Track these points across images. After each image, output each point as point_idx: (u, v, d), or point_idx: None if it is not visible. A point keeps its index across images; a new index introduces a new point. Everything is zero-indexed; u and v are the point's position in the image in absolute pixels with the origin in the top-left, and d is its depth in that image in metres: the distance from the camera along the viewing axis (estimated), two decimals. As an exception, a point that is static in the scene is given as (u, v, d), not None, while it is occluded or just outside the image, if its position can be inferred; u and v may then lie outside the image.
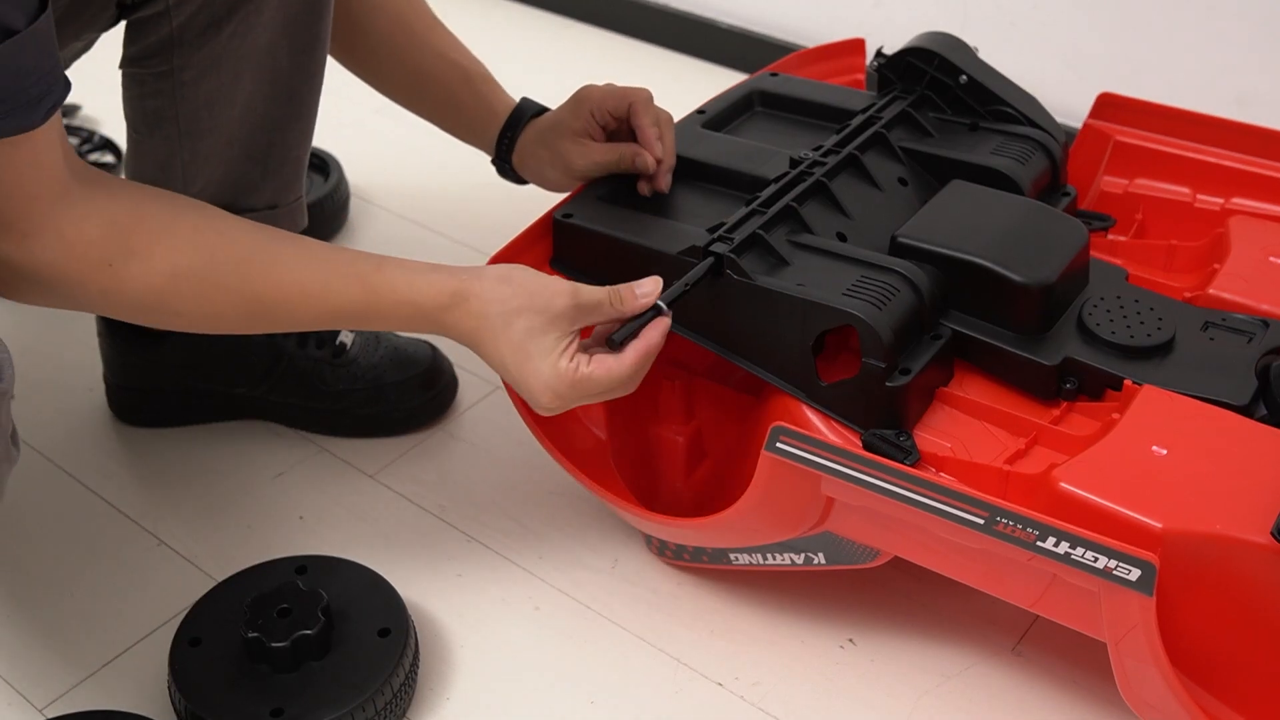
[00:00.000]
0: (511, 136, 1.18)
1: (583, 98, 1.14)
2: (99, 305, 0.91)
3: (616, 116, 1.12)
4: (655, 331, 0.93)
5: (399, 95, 1.25)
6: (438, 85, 1.21)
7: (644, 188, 1.10)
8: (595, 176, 1.12)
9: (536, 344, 0.91)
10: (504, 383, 0.98)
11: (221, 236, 0.91)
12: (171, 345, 1.24)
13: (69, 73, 1.08)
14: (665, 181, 1.10)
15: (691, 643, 1.07)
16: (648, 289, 0.94)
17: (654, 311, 0.93)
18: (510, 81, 2.05)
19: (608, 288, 0.93)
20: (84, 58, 1.14)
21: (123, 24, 1.07)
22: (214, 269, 0.90)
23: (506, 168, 1.20)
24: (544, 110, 1.19)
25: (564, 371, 0.91)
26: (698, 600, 1.11)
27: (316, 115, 1.20)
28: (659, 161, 1.09)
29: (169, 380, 1.26)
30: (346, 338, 1.27)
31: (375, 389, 1.27)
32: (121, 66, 1.09)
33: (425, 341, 1.31)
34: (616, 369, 0.92)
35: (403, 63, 1.21)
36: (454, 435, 1.29)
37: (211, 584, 1.12)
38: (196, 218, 0.91)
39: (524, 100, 1.21)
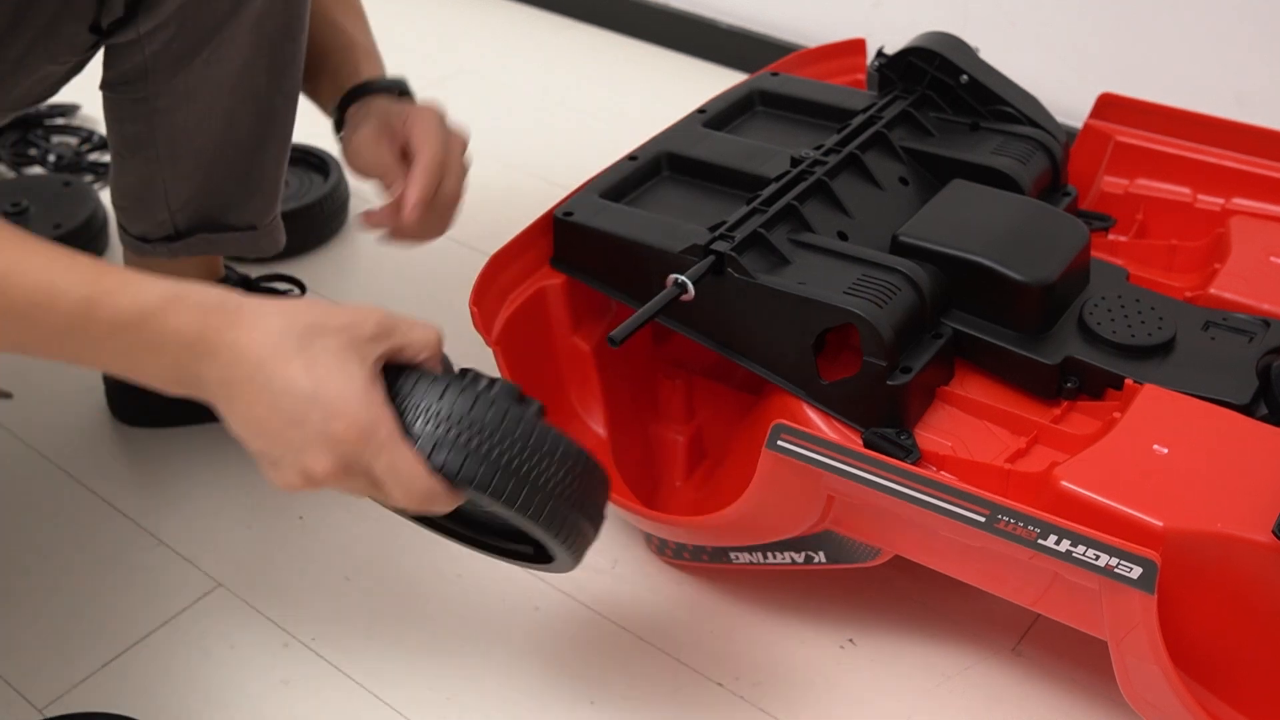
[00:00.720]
0: (359, 93, 1.10)
1: (413, 113, 1.06)
2: None
3: (407, 150, 1.05)
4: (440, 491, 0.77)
5: None
6: (318, 48, 1.14)
7: (375, 217, 1.04)
8: (364, 172, 1.07)
9: (346, 364, 0.75)
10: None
11: None
12: None
13: (67, 89, 1.09)
14: (408, 215, 1.00)
15: (691, 643, 1.07)
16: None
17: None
18: (510, 81, 2.06)
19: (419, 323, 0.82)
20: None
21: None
22: None
23: (339, 119, 1.12)
24: (406, 91, 1.11)
25: (363, 397, 0.74)
26: (698, 600, 1.11)
27: (293, 132, 1.17)
28: (405, 197, 1.01)
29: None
30: None
31: None
32: (101, 89, 1.09)
33: None
34: (421, 475, 0.76)
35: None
36: (454, 435, 1.29)
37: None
38: None
39: (394, 80, 1.12)
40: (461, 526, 0.92)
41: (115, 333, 0.75)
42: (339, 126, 1.12)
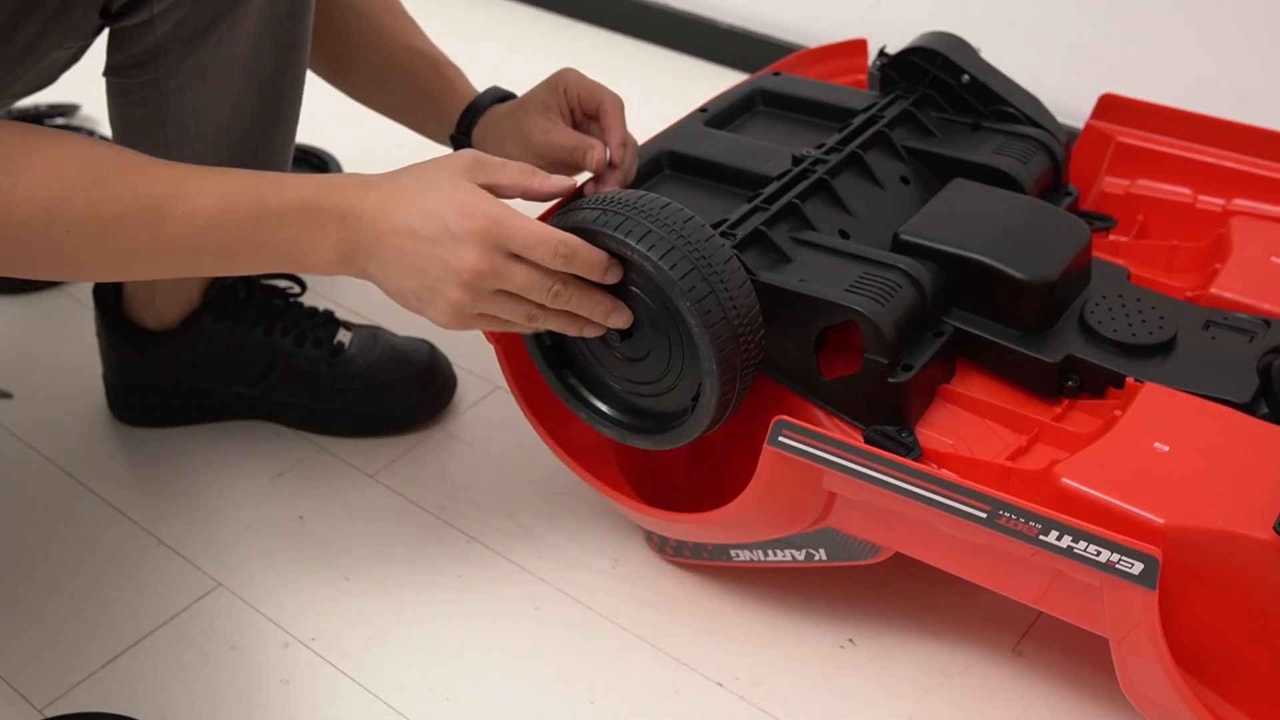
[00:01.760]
0: (475, 111, 1.16)
1: (561, 77, 1.11)
2: None
3: (586, 108, 1.10)
4: (600, 301, 0.92)
5: (367, 91, 1.24)
6: (405, 73, 1.20)
7: (589, 187, 1.07)
8: (549, 158, 1.09)
9: (458, 182, 0.89)
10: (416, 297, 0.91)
11: (109, 149, 0.88)
12: (171, 345, 1.24)
13: (62, 80, 1.09)
14: (622, 158, 1.06)
15: (691, 643, 1.07)
16: (560, 181, 0.93)
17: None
18: (510, 81, 2.05)
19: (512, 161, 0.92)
20: (83, 57, 1.14)
21: (106, 31, 1.06)
22: (103, 176, 0.86)
23: (465, 142, 1.17)
24: (511, 96, 1.18)
25: (481, 197, 0.87)
26: (698, 600, 1.11)
27: (299, 116, 1.19)
28: (612, 166, 1.05)
29: (169, 380, 1.26)
30: (344, 337, 1.27)
31: (373, 388, 1.27)
32: (106, 75, 1.09)
33: (424, 340, 1.31)
34: (550, 229, 0.88)
35: (371, 57, 1.20)
36: (454, 435, 1.29)
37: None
38: (83, 137, 0.88)
39: (494, 87, 1.20)
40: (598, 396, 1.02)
41: (285, 222, 0.88)
42: (470, 123, 1.16)
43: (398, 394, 1.27)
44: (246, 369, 1.26)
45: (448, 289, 0.88)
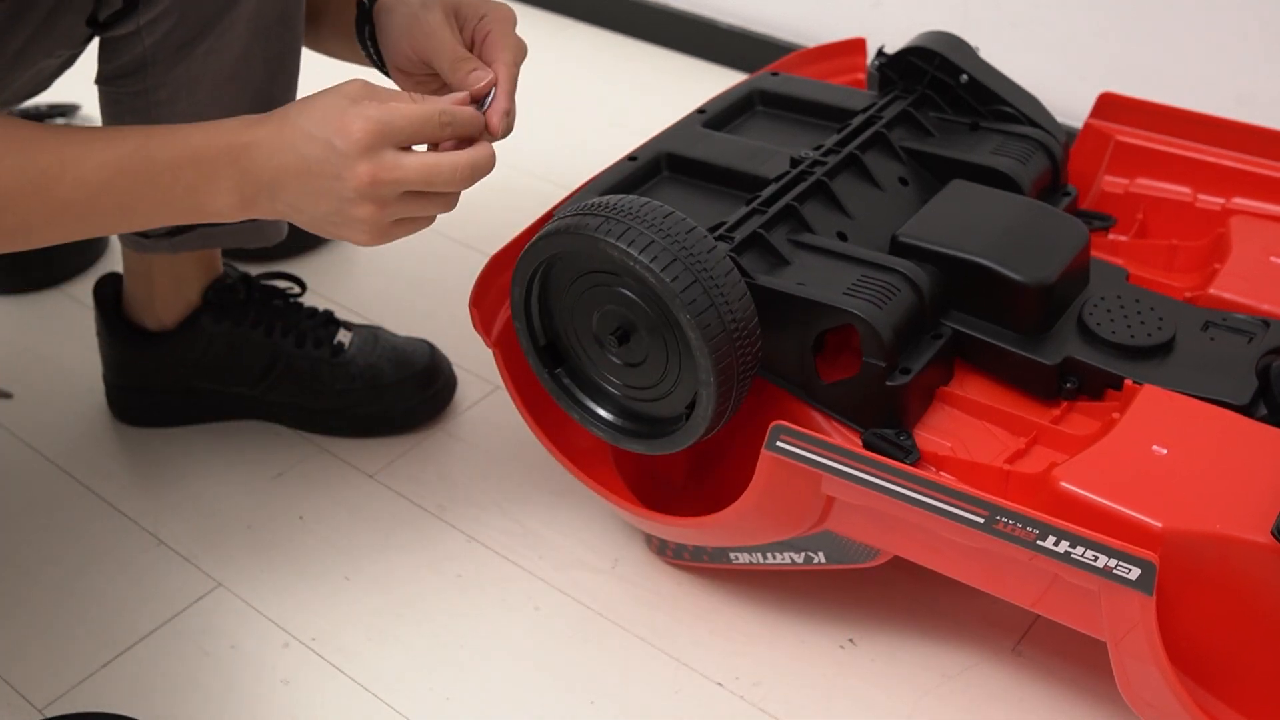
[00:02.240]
0: None
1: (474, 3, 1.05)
2: None
3: (477, 38, 1.05)
4: (487, 148, 0.90)
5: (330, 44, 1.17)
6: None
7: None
8: (423, 58, 1.02)
9: (337, 100, 0.86)
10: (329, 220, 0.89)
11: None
12: (171, 345, 1.24)
13: (62, 81, 1.09)
14: (501, 124, 0.98)
15: (691, 643, 1.07)
16: (483, 77, 0.92)
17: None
18: (510, 81, 2.04)
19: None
20: (83, 57, 1.14)
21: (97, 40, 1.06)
22: None
23: (368, 30, 1.06)
24: None
25: (373, 105, 0.85)
26: (698, 600, 1.11)
27: None
28: (488, 130, 0.96)
29: (169, 380, 1.26)
30: (344, 337, 1.28)
31: (373, 388, 1.27)
32: (97, 83, 1.09)
33: (424, 341, 1.31)
34: (425, 103, 0.87)
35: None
36: (454, 435, 1.29)
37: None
38: None
39: None
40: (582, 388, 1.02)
41: (180, 175, 0.87)
42: (364, 31, 1.06)
43: (398, 394, 1.27)
44: (246, 369, 1.26)
45: (354, 208, 0.86)
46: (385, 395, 1.27)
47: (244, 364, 1.26)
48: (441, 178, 0.87)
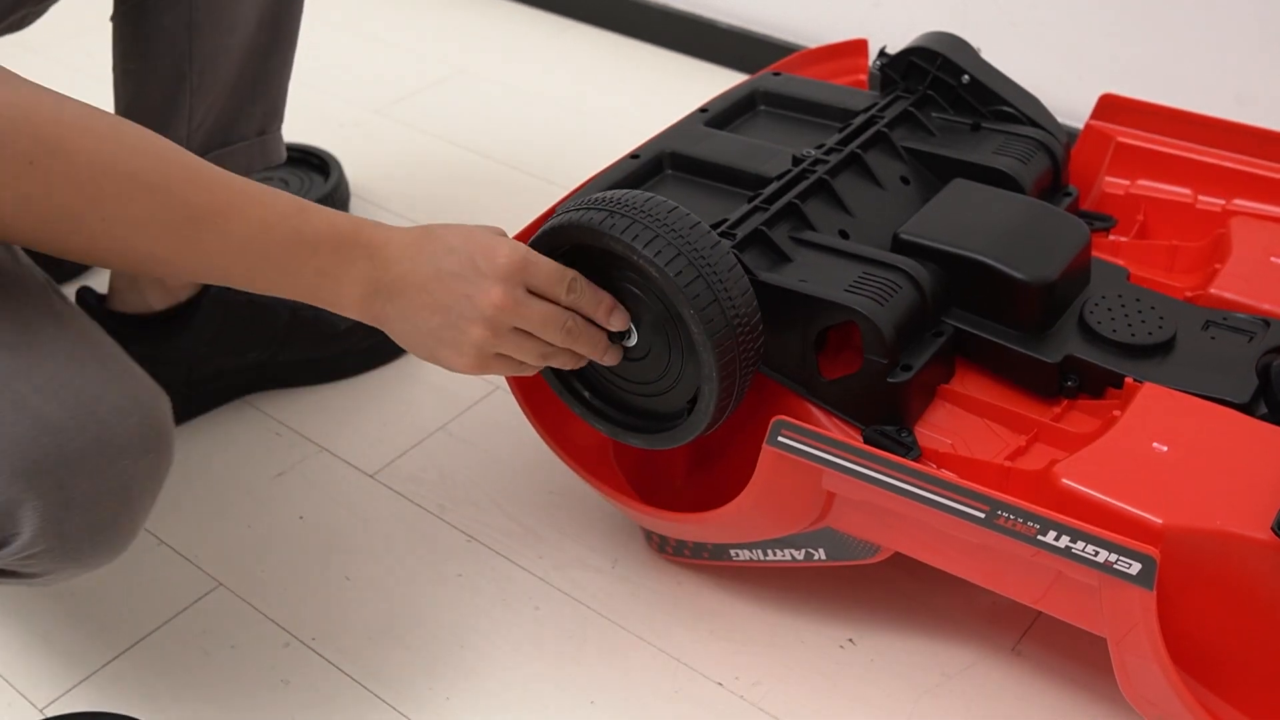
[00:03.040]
0: None
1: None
2: (14, 213, 0.76)
3: None
4: (601, 338, 0.92)
5: None
6: None
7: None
8: None
9: (482, 229, 0.88)
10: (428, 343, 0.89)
11: (154, 143, 0.81)
12: (194, 318, 1.25)
13: (63, 81, 1.10)
14: None
15: (691, 643, 1.07)
16: (619, 316, 0.92)
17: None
18: (510, 81, 2.06)
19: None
20: (83, 57, 1.14)
21: None
22: (140, 167, 0.78)
23: None
24: None
25: (503, 238, 0.87)
26: (698, 600, 1.11)
27: (298, 37, 1.24)
28: None
29: (189, 367, 1.28)
30: None
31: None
32: (130, 11, 1.10)
33: None
34: (562, 266, 0.89)
35: None
36: (454, 435, 1.29)
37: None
38: (114, 118, 0.80)
39: None
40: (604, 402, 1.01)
41: (319, 251, 0.85)
42: None
43: None
44: (267, 329, 1.29)
45: (472, 326, 0.87)
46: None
47: (265, 323, 1.28)
48: (558, 327, 0.89)
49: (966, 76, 1.19)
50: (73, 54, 1.76)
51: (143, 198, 0.78)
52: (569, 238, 0.92)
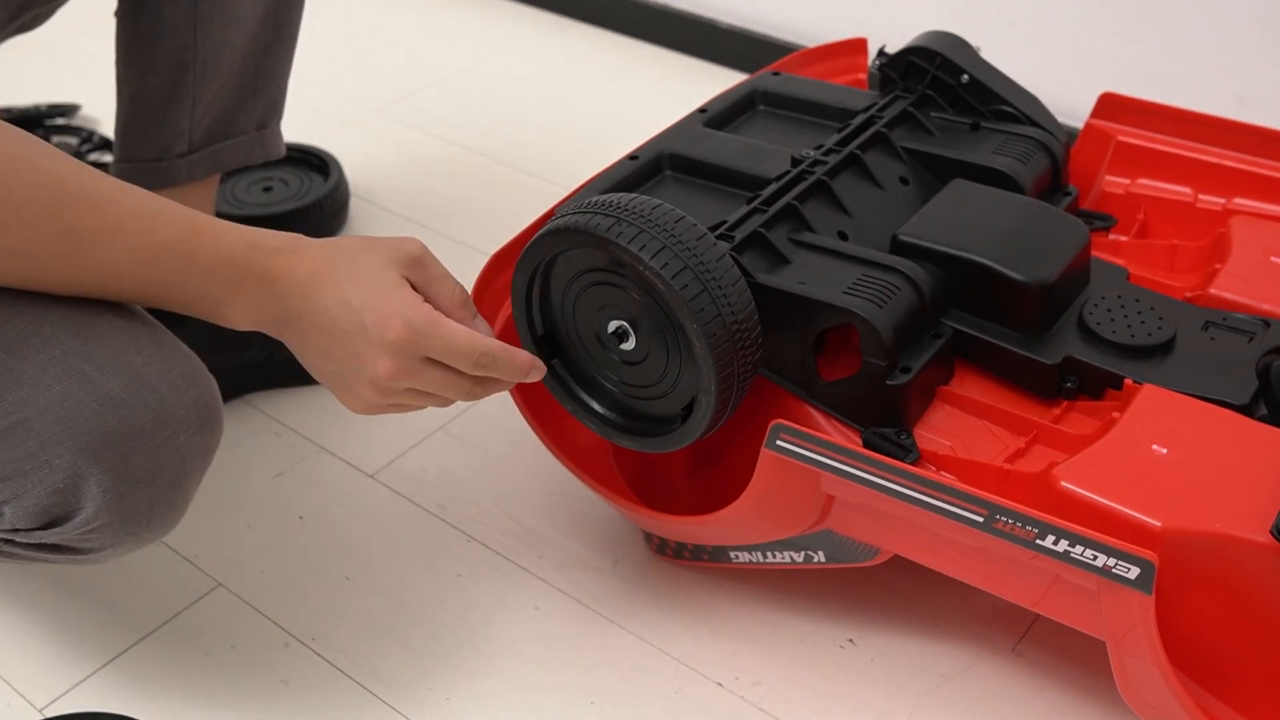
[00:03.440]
0: None
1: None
2: None
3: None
4: (522, 358, 0.89)
5: None
6: None
7: None
8: None
9: (384, 275, 0.85)
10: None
11: (30, 164, 0.77)
12: (191, 324, 1.26)
13: (62, 81, 1.11)
14: None
15: (691, 643, 1.07)
16: (538, 371, 0.91)
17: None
18: (510, 81, 2.06)
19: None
20: (83, 57, 1.15)
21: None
22: (19, 198, 0.76)
23: None
24: None
25: (419, 306, 0.84)
26: (698, 600, 1.11)
27: (298, 36, 1.26)
28: None
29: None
30: None
31: None
32: (118, 13, 1.11)
33: None
34: (472, 337, 0.85)
35: None
36: (454, 435, 1.29)
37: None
38: (5, 145, 0.77)
39: None
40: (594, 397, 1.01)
41: (210, 277, 0.83)
42: None
43: None
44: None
45: (359, 386, 0.86)
46: None
47: None
48: (460, 391, 0.88)
49: (966, 76, 1.19)
50: (74, 55, 1.76)
51: (24, 231, 0.77)
52: (572, 241, 0.92)
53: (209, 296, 0.84)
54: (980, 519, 0.83)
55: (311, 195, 1.55)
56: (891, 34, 1.44)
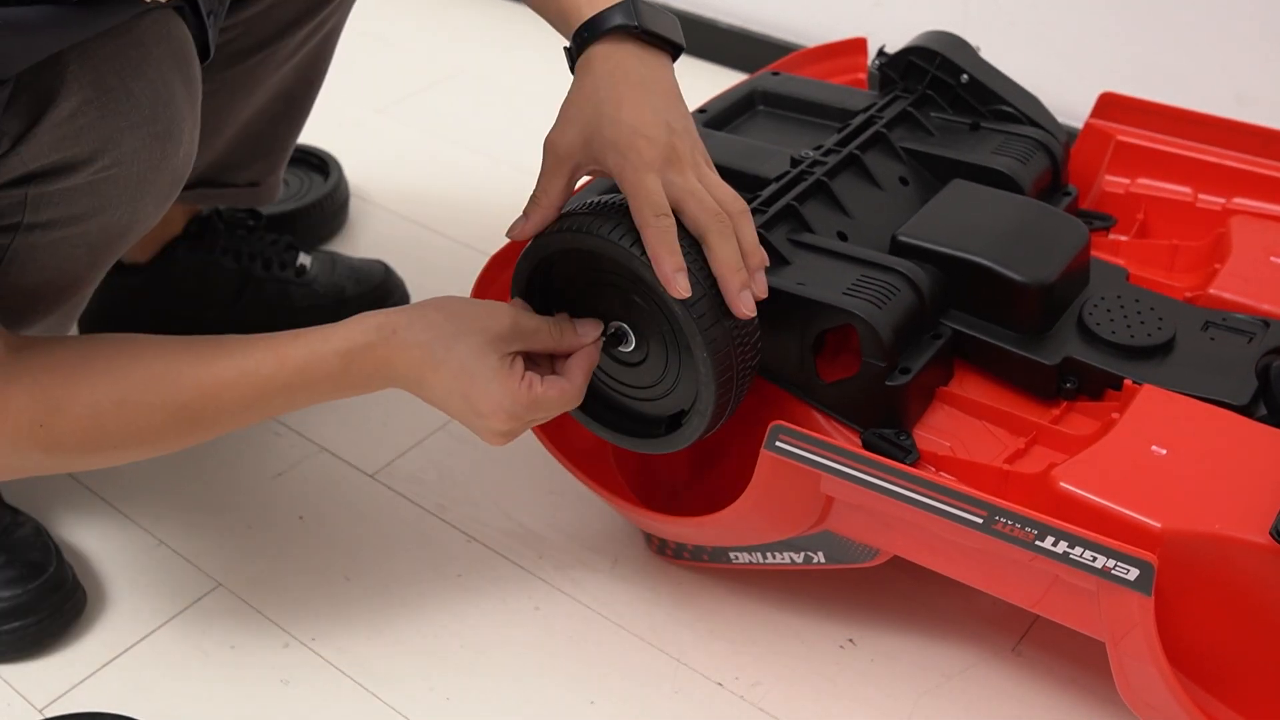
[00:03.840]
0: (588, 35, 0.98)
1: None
2: (47, 465, 0.89)
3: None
4: (595, 348, 0.93)
5: None
6: None
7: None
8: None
9: (481, 364, 0.88)
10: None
11: (134, 361, 0.88)
12: (146, 276, 1.30)
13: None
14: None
15: (691, 643, 1.07)
16: (589, 331, 0.93)
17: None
18: (511, 80, 2.05)
19: (547, 317, 0.93)
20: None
21: None
22: (133, 394, 0.87)
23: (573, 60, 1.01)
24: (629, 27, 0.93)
25: (518, 392, 0.88)
26: (698, 600, 1.11)
27: (311, 109, 1.27)
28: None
29: (138, 307, 1.31)
30: (305, 260, 1.36)
31: (337, 303, 1.35)
32: None
33: (378, 261, 1.40)
34: (569, 388, 0.91)
35: None
36: (454, 435, 1.29)
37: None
38: (109, 350, 0.88)
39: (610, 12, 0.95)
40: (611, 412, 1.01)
41: (315, 394, 0.91)
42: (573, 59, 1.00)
43: (359, 307, 1.29)
44: (219, 294, 1.32)
45: (490, 436, 0.92)
46: (348, 309, 1.29)
47: (217, 288, 1.32)
48: (574, 399, 0.93)
49: (965, 76, 1.19)
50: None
51: (146, 418, 0.87)
52: (576, 242, 0.92)
53: (324, 400, 0.92)
54: (979, 520, 0.83)
55: (311, 195, 1.55)
56: (891, 34, 1.44)
